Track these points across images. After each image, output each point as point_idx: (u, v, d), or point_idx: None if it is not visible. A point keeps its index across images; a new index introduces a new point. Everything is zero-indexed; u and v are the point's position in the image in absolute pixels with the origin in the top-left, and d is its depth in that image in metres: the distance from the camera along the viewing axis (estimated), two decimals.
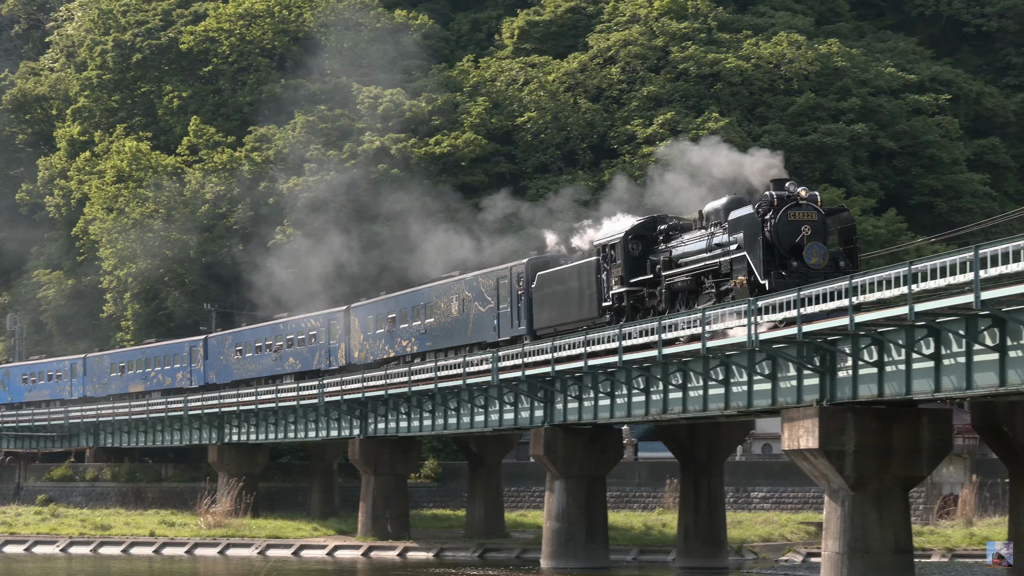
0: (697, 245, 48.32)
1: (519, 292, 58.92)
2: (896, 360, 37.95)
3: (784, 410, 42.09)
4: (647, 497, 77.78)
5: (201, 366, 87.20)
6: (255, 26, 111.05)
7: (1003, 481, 55.18)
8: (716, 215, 47.74)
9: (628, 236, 51.92)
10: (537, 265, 58.40)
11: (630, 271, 51.50)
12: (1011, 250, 31.78)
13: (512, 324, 59.24)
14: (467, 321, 62.97)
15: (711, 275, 47.11)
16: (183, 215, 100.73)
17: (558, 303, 55.68)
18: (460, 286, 63.98)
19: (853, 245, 45.27)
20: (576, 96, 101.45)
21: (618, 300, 51.93)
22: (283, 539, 71.76)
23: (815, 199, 44.84)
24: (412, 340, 67.71)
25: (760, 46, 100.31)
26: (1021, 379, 33.83)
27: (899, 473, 40.60)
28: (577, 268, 54.84)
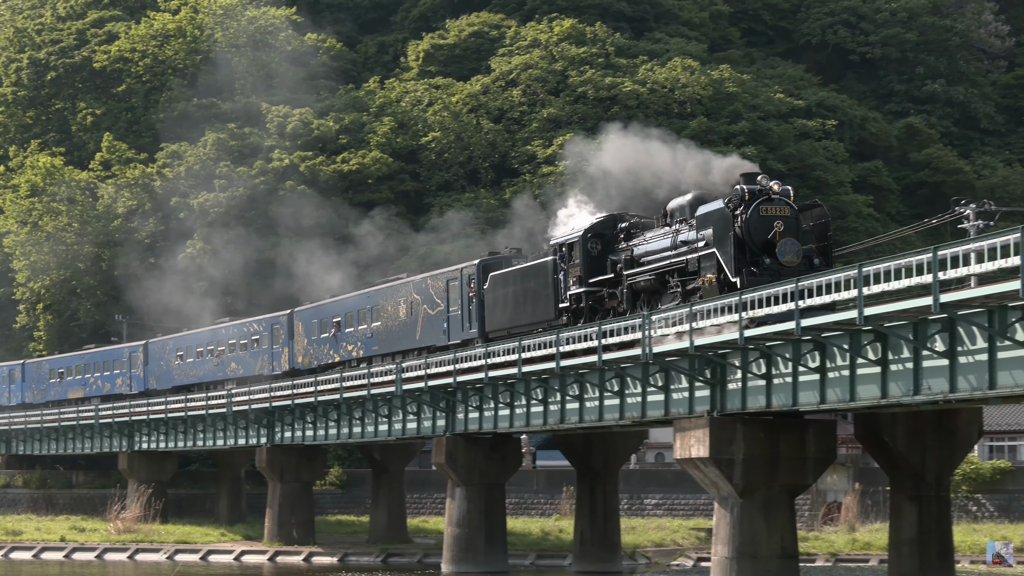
0: (661, 243, 45.17)
1: (470, 294, 55.65)
2: (783, 373, 38.17)
3: (676, 420, 42.20)
4: (545, 504, 77.81)
5: (141, 371, 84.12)
6: (167, 46, 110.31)
7: (884, 489, 55.62)
8: (681, 211, 44.76)
9: (587, 234, 48.57)
10: (489, 266, 55.18)
11: (589, 271, 48.19)
12: (892, 268, 32.07)
13: (463, 327, 56.12)
14: (415, 324, 59.76)
15: (676, 273, 43.84)
16: (96, 228, 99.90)
17: (512, 305, 52.43)
18: (408, 289, 60.89)
19: (828, 243, 42.14)
20: (479, 117, 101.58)
21: (576, 301, 48.67)
22: (191, 544, 71.19)
23: (788, 193, 41.85)
24: (358, 344, 64.49)
25: (655, 71, 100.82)
26: (902, 392, 34.13)
27: (786, 481, 40.81)
28: (533, 268, 51.54)
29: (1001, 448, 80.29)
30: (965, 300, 30.63)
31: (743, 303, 37.23)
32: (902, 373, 34.10)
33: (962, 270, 30.03)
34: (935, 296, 30.49)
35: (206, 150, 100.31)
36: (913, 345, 33.38)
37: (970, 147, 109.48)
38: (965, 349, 32.20)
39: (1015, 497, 68.45)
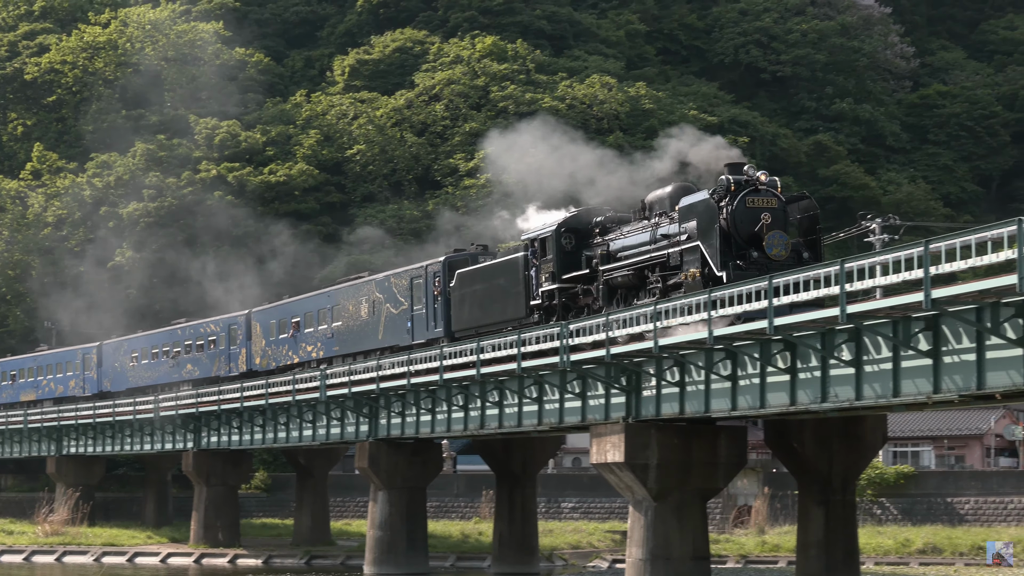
0: (639, 237, 42.26)
1: (435, 292, 52.78)
2: (696, 381, 38.31)
3: (593, 426, 42.26)
4: (465, 507, 77.74)
5: (95, 374, 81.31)
6: (97, 58, 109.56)
7: (792, 493, 55.98)
8: (661, 204, 41.96)
9: (560, 229, 45.48)
10: (455, 263, 52.25)
11: (562, 267, 45.19)
12: (801, 280, 32.29)
13: (428, 326, 53.17)
14: (378, 324, 56.72)
15: (657, 268, 40.98)
16: (26, 237, 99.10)
17: (480, 303, 49.44)
18: (370, 287, 57.80)
19: (816, 236, 39.35)
20: (402, 131, 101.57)
21: (548, 298, 45.76)
22: (118, 547, 70.56)
23: (775, 184, 39.04)
24: (318, 345, 61.54)
25: (574, 87, 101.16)
26: (810, 399, 34.35)
27: (698, 485, 40.96)
28: (502, 265, 48.56)
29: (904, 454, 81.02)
30: (871, 311, 30.88)
31: (659, 312, 37.33)
32: (810, 381, 34.33)
33: (868, 282, 30.28)
34: (842, 307, 30.73)
35: (135, 160, 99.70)
36: (821, 354, 33.61)
37: (876, 164, 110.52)
38: (871, 358, 32.46)
39: (917, 501, 69.06)
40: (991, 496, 68.05)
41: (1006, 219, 27.76)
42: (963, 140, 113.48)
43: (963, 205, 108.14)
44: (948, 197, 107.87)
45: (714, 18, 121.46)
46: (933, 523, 66.14)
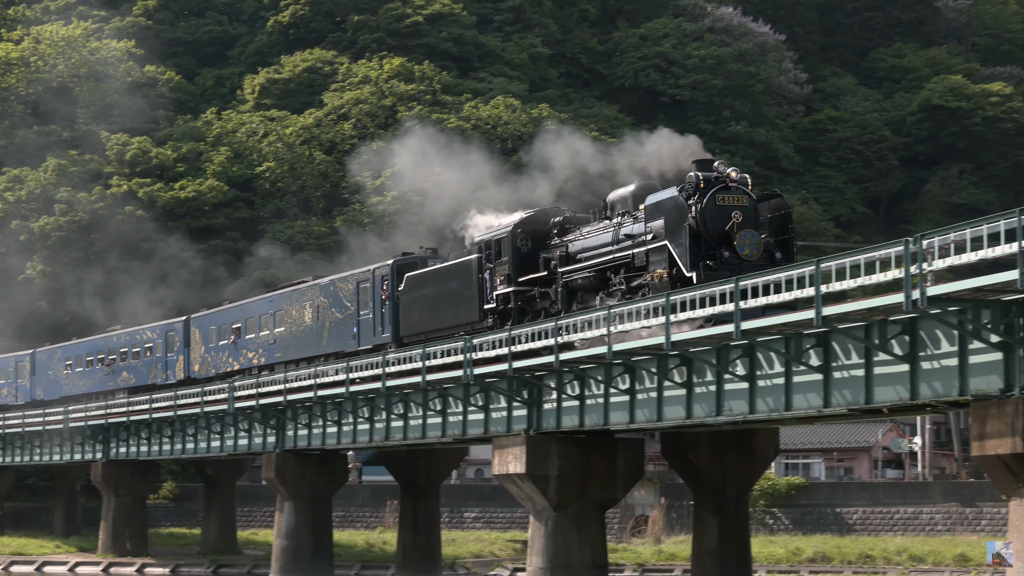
0: (601, 238, 39.89)
1: (383, 296, 50.12)
2: (596, 394, 38.42)
3: (495, 438, 42.27)
4: (370, 517, 77.47)
5: (28, 381, 78.79)
6: (10, 74, 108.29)
7: (688, 503, 56.21)
8: (624, 203, 39.68)
9: (516, 230, 43.05)
10: (404, 266, 49.66)
11: (519, 269, 42.68)
12: (697, 297, 32.48)
13: (375, 331, 50.48)
14: (322, 330, 54.15)
15: (620, 269, 38.67)
16: None
17: (431, 307, 46.88)
18: (314, 292, 55.16)
19: (789, 235, 37.01)
20: (311, 148, 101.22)
21: (504, 301, 43.18)
22: (27, 556, 69.79)
23: (746, 182, 36.78)
24: (260, 351, 58.80)
25: (479, 108, 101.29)
26: (705, 412, 34.54)
27: (597, 496, 41.06)
28: (454, 268, 46.01)
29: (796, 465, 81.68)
30: (764, 328, 31.12)
31: (559, 328, 37.37)
32: (706, 395, 34.53)
33: (762, 299, 30.51)
34: (736, 324, 30.93)
35: (46, 175, 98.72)
36: (716, 369, 33.82)
37: (770, 185, 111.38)
38: (764, 373, 32.71)
39: (808, 511, 69.61)
40: (878, 506, 68.76)
41: (894, 240, 28.09)
42: (853, 163, 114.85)
43: (853, 226, 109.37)
44: (839, 218, 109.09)
45: (615, 43, 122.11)
46: (823, 532, 66.71)
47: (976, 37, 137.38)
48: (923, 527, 66.93)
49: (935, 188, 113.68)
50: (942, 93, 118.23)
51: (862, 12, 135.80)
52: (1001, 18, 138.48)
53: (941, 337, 27.96)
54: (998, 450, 26.46)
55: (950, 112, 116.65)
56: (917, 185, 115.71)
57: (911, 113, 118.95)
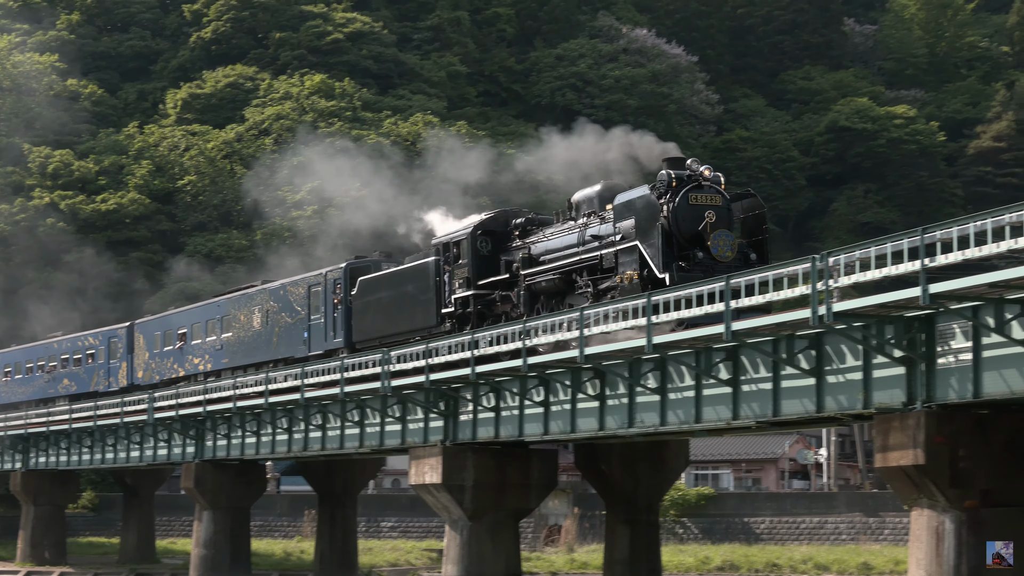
0: (566, 239, 37.92)
1: (335, 301, 48.02)
2: (511, 406, 38.41)
3: (412, 449, 42.17)
4: (288, 526, 77.07)
5: None
6: None
7: (600, 513, 56.36)
8: (590, 204, 37.62)
9: (477, 232, 41.01)
10: (357, 270, 47.63)
11: (478, 272, 40.72)
12: (610, 312, 32.55)
13: (326, 336, 48.44)
14: (271, 335, 52.00)
15: (586, 272, 36.71)
16: None
17: (385, 311, 44.75)
18: (264, 296, 53.07)
19: (762, 236, 34.99)
20: (232, 163, 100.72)
21: (462, 305, 41.17)
22: None
23: (719, 181, 34.92)
24: (206, 357, 56.87)
25: (399, 125, 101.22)
26: (618, 424, 34.62)
27: (511, 506, 41.04)
28: (411, 271, 43.88)
29: (705, 476, 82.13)
30: (675, 342, 31.25)
31: (474, 341, 37.35)
32: (618, 408, 34.60)
33: (673, 314, 30.62)
34: (648, 339, 31.03)
35: None
36: (628, 382, 33.90)
37: None
38: (674, 386, 32.83)
39: (717, 521, 70.00)
40: (785, 516, 69.26)
41: (801, 257, 28.31)
42: (763, 182, 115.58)
43: None
44: None
45: (532, 62, 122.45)
46: (731, 542, 67.13)
47: (881, 61, 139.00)
48: (828, 536, 67.47)
49: (841, 207, 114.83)
50: (849, 115, 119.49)
51: (772, 36, 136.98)
52: (905, 43, 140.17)
53: (846, 352, 28.19)
54: (900, 462, 26.71)
55: (856, 133, 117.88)
56: (824, 204, 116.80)
57: (819, 134, 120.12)
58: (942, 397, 26.15)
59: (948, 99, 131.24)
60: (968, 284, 24.18)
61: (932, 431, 26.10)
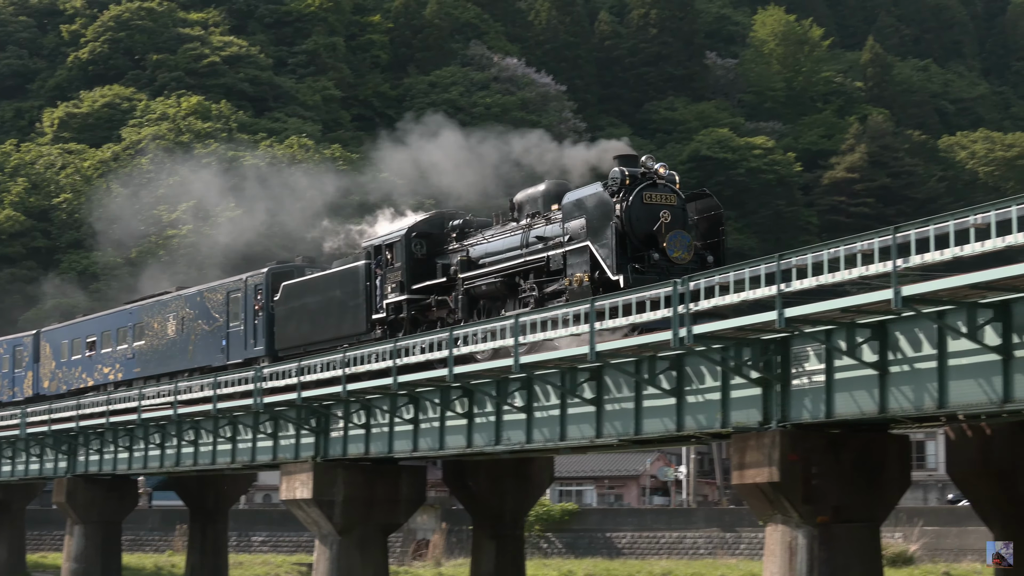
0: (507, 241, 35.75)
1: (256, 307, 45.31)
2: (381, 423, 38.29)
3: (284, 465, 41.86)
4: (159, 541, 75.99)
5: None
6: None
7: (467, 528, 56.31)
8: (534, 204, 35.53)
9: (411, 233, 38.69)
10: (280, 275, 44.87)
11: (412, 276, 38.35)
12: (480, 332, 32.57)
13: (246, 344, 45.69)
14: (187, 343, 49.10)
15: (531, 274, 34.42)
16: None
17: (311, 318, 42.19)
18: (179, 303, 50.12)
19: (719, 238, 32.94)
20: (109, 182, 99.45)
21: (395, 311, 38.82)
22: None
23: (674, 179, 32.87)
24: (116, 366, 53.72)
25: (275, 147, 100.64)
26: (485, 442, 34.64)
27: (380, 521, 40.86)
28: (338, 275, 41.37)
29: (569, 492, 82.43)
30: (541, 362, 31.32)
31: (346, 360, 37.16)
32: (486, 425, 34.62)
33: (540, 335, 30.71)
34: (515, 358, 31.07)
35: None
36: (496, 401, 33.95)
37: None
38: (541, 405, 32.91)
39: (580, 535, 70.25)
40: (646, 531, 69.70)
41: (663, 281, 28.53)
42: None
43: None
44: None
45: (406, 88, 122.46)
46: (594, 556, 67.40)
47: (742, 94, 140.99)
48: (687, 551, 67.99)
49: None
50: (710, 145, 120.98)
51: (638, 67, 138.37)
52: (765, 77, 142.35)
53: (706, 373, 28.45)
54: (756, 479, 26.99)
55: (717, 163, 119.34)
56: None
57: (682, 163, 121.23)
58: (796, 417, 26.49)
59: (804, 131, 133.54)
60: (821, 309, 24.53)
61: (786, 450, 26.41)
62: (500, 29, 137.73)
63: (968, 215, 21.75)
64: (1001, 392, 22.88)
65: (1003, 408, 23.08)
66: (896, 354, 24.72)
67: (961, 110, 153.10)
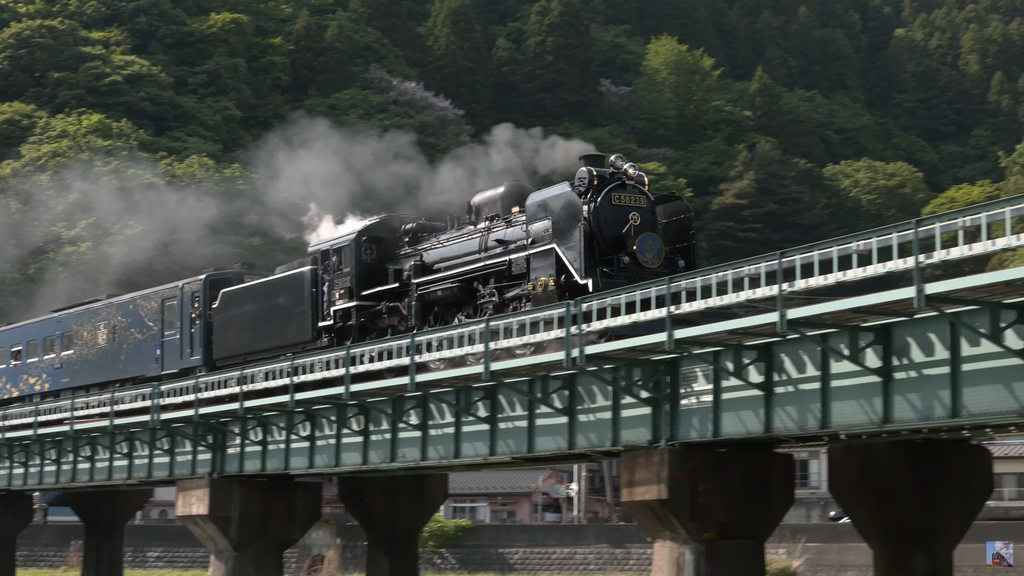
0: (464, 245, 33.75)
1: (193, 315, 43.02)
2: (278, 440, 38.02)
3: (180, 481, 41.43)
4: (54, 556, 74.84)
5: None
6: None
7: (362, 543, 56.06)
8: (493, 206, 33.59)
9: (361, 237, 36.59)
10: (219, 281, 42.73)
11: (362, 282, 36.30)
12: (375, 352, 32.46)
13: (182, 353, 43.39)
14: (119, 352, 46.63)
15: (492, 279, 32.50)
16: None
17: (252, 326, 39.95)
18: (111, 311, 47.63)
19: (689, 243, 31.13)
20: (7, 199, 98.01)
21: (343, 318, 36.77)
22: None
23: (643, 181, 30.87)
24: (43, 377, 50.91)
25: (175, 166, 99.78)
26: (380, 459, 34.50)
27: (276, 536, 40.55)
28: (283, 281, 39.12)
29: (463, 508, 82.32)
30: (437, 381, 31.28)
31: (244, 377, 36.86)
32: (381, 443, 34.50)
33: (435, 354, 30.67)
34: (412, 378, 30.99)
35: None
36: (392, 419, 33.86)
37: None
38: (436, 423, 32.86)
39: (473, 551, 70.22)
40: (537, 547, 69.82)
41: (557, 302, 28.62)
42: None
43: None
44: None
45: (306, 109, 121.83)
46: (487, 571, 67.42)
47: (635, 120, 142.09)
48: (578, 566, 68.20)
49: None
50: None
51: (534, 93, 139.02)
52: (657, 104, 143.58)
53: (597, 392, 28.55)
54: (645, 496, 27.12)
55: None
56: None
57: None
58: (684, 436, 26.66)
59: (695, 158, 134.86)
60: (709, 331, 24.73)
61: (675, 468, 26.56)
62: (400, 54, 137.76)
63: (851, 241, 22.06)
64: (881, 413, 23.20)
65: (883, 428, 23.40)
66: (781, 375, 24.98)
67: (845, 140, 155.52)
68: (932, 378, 22.42)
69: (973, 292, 20.84)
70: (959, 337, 22.03)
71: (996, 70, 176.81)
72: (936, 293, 20.85)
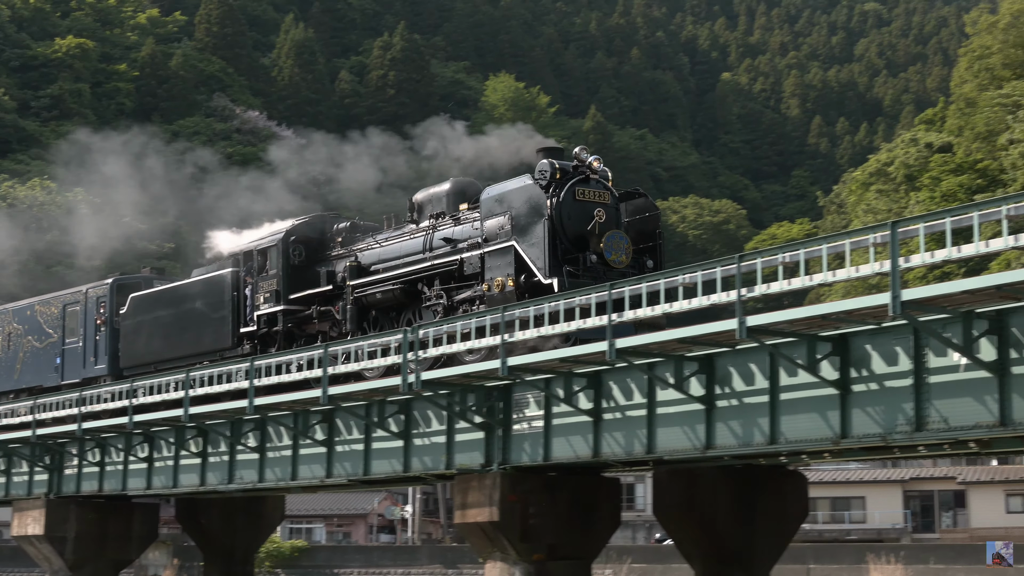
0: (407, 245, 30.74)
1: (98, 321, 39.56)
2: (116, 461, 37.37)
3: (16, 501, 40.45)
4: None
5: None
6: None
7: (199, 564, 55.22)
8: (438, 203, 30.73)
9: (289, 237, 33.58)
10: (127, 286, 39.35)
11: (291, 285, 33.30)
12: (215, 374, 32.04)
13: (85, 362, 39.84)
14: (14, 361, 42.77)
15: (438, 280, 29.49)
16: None
17: (165, 333, 36.60)
18: (5, 317, 43.71)
19: (656, 242, 28.40)
20: None
21: (268, 323, 33.80)
22: None
23: (607, 176, 28.06)
24: None
25: (16, 188, 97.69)
26: (218, 480, 34.07)
27: (112, 557, 39.82)
28: (199, 285, 35.86)
29: (300, 529, 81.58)
30: (275, 404, 31.00)
31: (82, 398, 36.11)
32: (220, 464, 34.09)
33: (275, 378, 30.37)
34: (250, 401, 30.67)
35: None
36: (230, 440, 33.47)
37: None
38: (274, 445, 32.58)
39: (309, 572, 69.62)
40: (372, 568, 69.48)
41: (394, 329, 28.53)
42: None
43: None
44: None
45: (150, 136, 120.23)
46: None
47: None
48: None
49: None
50: None
51: (376, 125, 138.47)
52: None
53: (432, 417, 28.56)
54: (477, 518, 27.17)
55: None
56: None
57: None
58: (516, 460, 26.78)
59: None
60: (541, 358, 24.88)
61: (506, 491, 26.66)
62: (244, 83, 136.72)
63: (677, 275, 22.39)
64: (704, 439, 23.55)
65: (705, 454, 23.76)
66: (609, 402, 25.23)
67: (674, 177, 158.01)
68: (752, 406, 22.83)
69: (791, 325, 21.28)
70: (778, 367, 22.48)
71: (815, 114, 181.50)
72: (757, 325, 21.24)
